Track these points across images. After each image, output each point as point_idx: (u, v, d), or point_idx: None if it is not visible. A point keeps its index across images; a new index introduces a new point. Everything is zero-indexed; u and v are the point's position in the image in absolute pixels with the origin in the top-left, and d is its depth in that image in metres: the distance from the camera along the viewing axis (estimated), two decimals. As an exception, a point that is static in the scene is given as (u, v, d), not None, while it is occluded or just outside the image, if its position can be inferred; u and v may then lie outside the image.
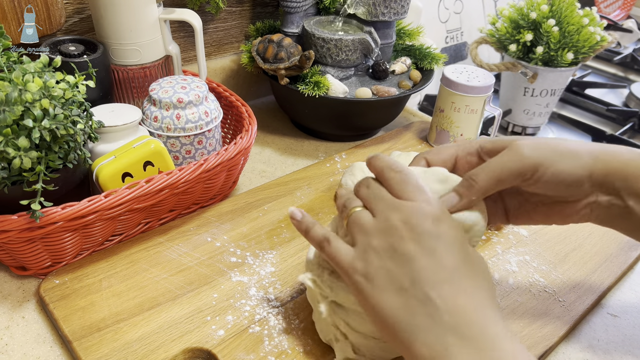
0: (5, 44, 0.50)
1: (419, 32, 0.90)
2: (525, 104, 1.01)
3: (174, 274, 0.56)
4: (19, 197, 0.48)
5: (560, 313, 0.55)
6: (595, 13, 0.93)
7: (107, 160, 0.56)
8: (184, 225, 0.62)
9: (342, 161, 0.78)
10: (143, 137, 0.59)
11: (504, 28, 0.96)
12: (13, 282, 0.56)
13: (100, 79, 0.62)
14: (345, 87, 0.77)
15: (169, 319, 0.51)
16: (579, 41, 0.91)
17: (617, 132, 1.05)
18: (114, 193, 0.53)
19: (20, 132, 0.46)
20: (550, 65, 0.94)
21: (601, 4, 1.56)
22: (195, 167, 0.58)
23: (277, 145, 0.84)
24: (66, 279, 0.54)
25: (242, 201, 0.67)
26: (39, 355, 0.49)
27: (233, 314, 0.52)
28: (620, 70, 1.38)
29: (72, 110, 0.50)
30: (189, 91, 0.63)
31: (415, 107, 1.15)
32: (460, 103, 0.76)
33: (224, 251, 0.59)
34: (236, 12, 0.87)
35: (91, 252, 0.58)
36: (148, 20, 0.64)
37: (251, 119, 0.68)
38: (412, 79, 0.84)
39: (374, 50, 0.78)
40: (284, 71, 0.75)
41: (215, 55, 0.89)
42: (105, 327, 0.49)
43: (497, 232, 0.65)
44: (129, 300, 0.52)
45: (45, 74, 0.49)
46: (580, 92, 1.21)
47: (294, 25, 0.81)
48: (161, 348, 0.48)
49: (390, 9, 0.79)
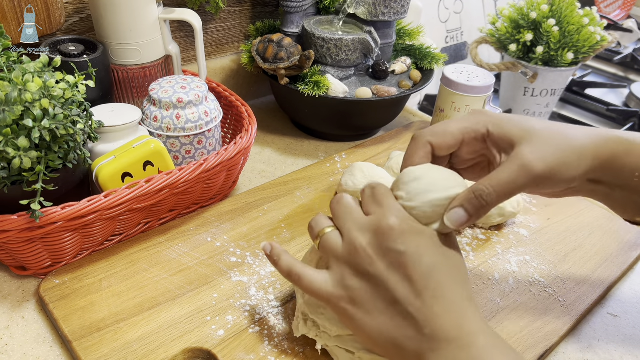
0: (5, 44, 0.50)
1: (419, 32, 0.90)
2: (525, 103, 1.01)
3: (174, 274, 0.56)
4: (18, 197, 0.47)
5: (561, 313, 0.55)
6: (595, 13, 0.93)
7: (107, 160, 0.56)
8: (183, 225, 0.62)
9: (342, 161, 0.78)
10: (143, 137, 0.59)
11: (504, 28, 0.96)
12: (13, 282, 0.56)
13: (100, 78, 0.62)
14: (345, 87, 0.77)
15: (169, 319, 0.51)
16: (579, 41, 0.91)
17: (617, 132, 1.05)
18: (113, 193, 0.53)
19: (20, 132, 0.46)
20: (551, 65, 0.94)
21: (601, 3, 1.56)
22: (195, 167, 0.58)
23: (277, 145, 0.84)
24: (66, 279, 0.54)
25: (242, 201, 0.67)
26: (39, 355, 0.49)
27: (233, 314, 0.52)
28: (621, 70, 1.38)
29: (72, 110, 0.50)
30: (189, 91, 0.63)
31: (415, 107, 1.15)
32: (460, 103, 0.76)
33: (224, 251, 0.59)
34: (236, 12, 0.87)
35: (91, 252, 0.58)
36: (148, 20, 0.64)
37: (251, 119, 0.68)
38: (412, 79, 0.84)
39: (374, 50, 0.78)
40: (284, 71, 0.75)
41: (215, 55, 0.89)
42: (105, 327, 0.49)
43: (497, 232, 0.65)
44: (129, 300, 0.52)
45: (45, 73, 0.49)
46: (581, 92, 1.21)
47: (294, 25, 0.81)
48: (161, 348, 0.48)
49: (391, 9, 0.79)
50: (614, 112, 1.14)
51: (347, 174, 0.70)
